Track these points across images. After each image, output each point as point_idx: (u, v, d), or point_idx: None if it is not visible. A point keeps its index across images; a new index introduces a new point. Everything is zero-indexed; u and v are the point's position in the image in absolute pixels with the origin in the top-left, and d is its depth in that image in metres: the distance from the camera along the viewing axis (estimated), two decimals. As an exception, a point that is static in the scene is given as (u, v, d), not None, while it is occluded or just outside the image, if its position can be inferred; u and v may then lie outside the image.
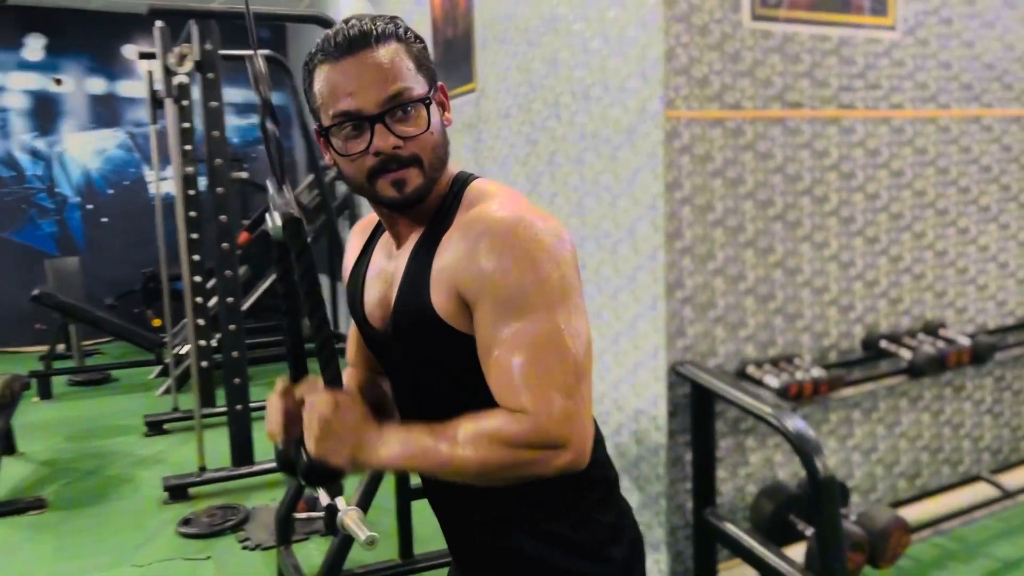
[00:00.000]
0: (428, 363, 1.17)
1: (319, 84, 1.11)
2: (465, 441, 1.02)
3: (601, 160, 3.02)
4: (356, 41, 1.08)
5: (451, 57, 4.25)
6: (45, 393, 6.00)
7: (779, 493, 2.71)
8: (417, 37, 1.15)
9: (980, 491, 3.45)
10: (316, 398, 1.08)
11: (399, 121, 1.08)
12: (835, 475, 2.28)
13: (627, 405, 2.98)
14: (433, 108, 1.12)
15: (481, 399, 1.06)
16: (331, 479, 1.11)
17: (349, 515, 2.32)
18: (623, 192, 2.91)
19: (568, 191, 3.25)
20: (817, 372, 2.77)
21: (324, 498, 2.52)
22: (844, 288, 3.08)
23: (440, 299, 1.10)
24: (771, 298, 2.93)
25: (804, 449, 2.27)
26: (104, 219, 7.93)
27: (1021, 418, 3.69)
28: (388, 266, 1.22)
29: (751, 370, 2.80)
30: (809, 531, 2.60)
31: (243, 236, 6.22)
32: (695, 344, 2.80)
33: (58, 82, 7.67)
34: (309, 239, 1.16)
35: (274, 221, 1.12)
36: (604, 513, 1.22)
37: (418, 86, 1.10)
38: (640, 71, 2.75)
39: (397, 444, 1.05)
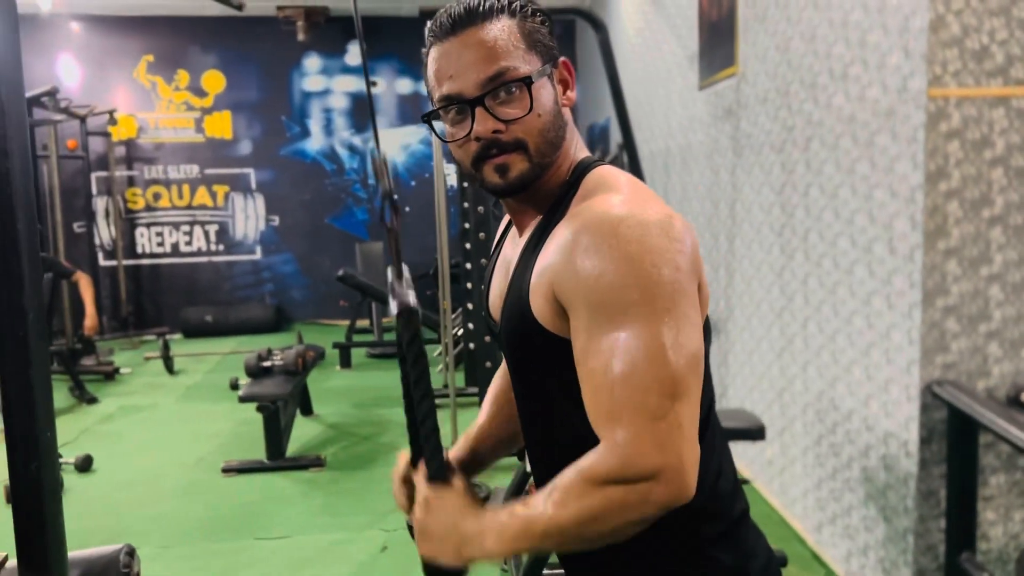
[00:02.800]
0: (531, 368, 1.10)
1: (428, 67, 1.07)
2: (558, 498, 0.91)
3: (857, 147, 2.69)
4: (460, 20, 1.03)
5: (715, 40, 4.04)
6: (345, 363, 6.70)
7: (1060, 548, 2.24)
8: (536, 11, 1.07)
9: None
10: (416, 498, 1.05)
11: (502, 103, 1.02)
12: None
13: (877, 425, 2.64)
14: (542, 88, 1.04)
15: (581, 411, 0.96)
16: (452, 574, 1.05)
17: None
18: (880, 183, 2.56)
19: (823, 181, 2.94)
20: (1123, 406, 2.25)
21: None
22: None
23: (538, 300, 1.01)
24: (1069, 312, 2.42)
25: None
26: (407, 208, 8.65)
27: None
28: (511, 254, 1.16)
29: (1028, 397, 2.34)
30: (1096, 600, 2.12)
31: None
32: (960, 362, 2.40)
33: (373, 84, 8.50)
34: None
35: (390, 308, 1.12)
36: (724, 552, 1.07)
37: (525, 64, 1.02)
38: (901, 44, 2.40)
39: (497, 531, 0.96)
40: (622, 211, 0.95)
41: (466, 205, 5.05)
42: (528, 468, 2.58)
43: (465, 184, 5.18)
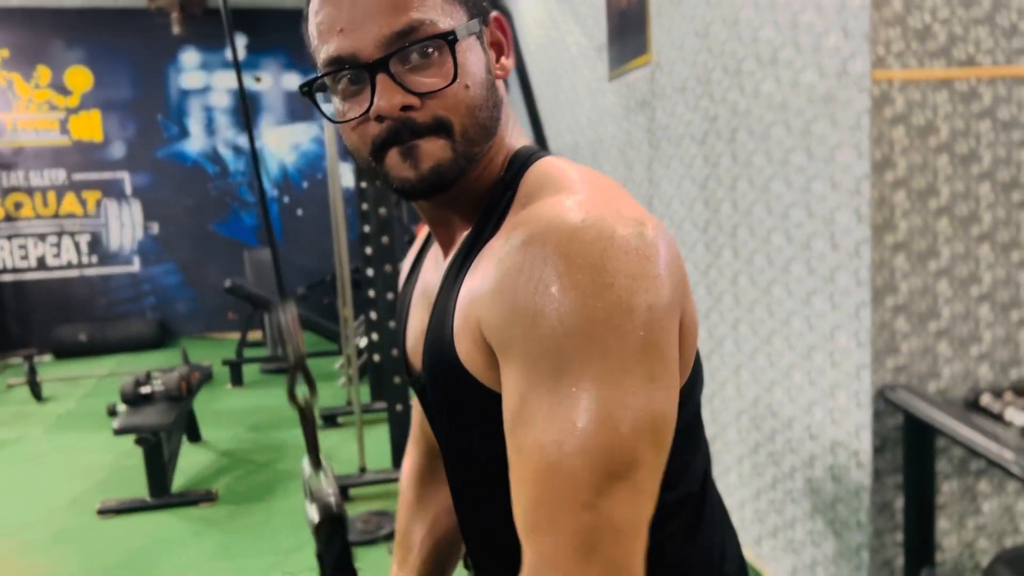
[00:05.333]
0: (464, 428, 0.81)
1: (310, 18, 0.78)
2: None
3: (791, 136, 2.52)
4: None
5: (625, 28, 3.83)
6: (237, 380, 6.23)
7: (1022, 560, 2.11)
8: None
9: None
10: None
11: (413, 69, 0.73)
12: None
13: (822, 434, 2.47)
14: (469, 50, 0.75)
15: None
16: None
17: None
18: (819, 174, 2.39)
19: (752, 173, 2.76)
20: (1081, 405, 2.14)
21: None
22: (1119, 293, 2.39)
23: (464, 343, 0.73)
24: (1015, 306, 2.31)
25: (1064, 513, 1.70)
26: (299, 211, 8.19)
27: None
28: (432, 280, 0.86)
29: (986, 400, 2.20)
30: (1067, 614, 1.99)
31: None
32: (911, 364, 2.25)
33: (257, 80, 7.99)
34: None
35: (308, 514, 0.85)
36: None
37: (445, 17, 0.74)
38: (840, 24, 2.22)
39: None
40: (576, 220, 0.66)
41: (365, 207, 4.70)
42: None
43: (364, 184, 4.83)
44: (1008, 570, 2.10)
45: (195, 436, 4.78)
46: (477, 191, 0.80)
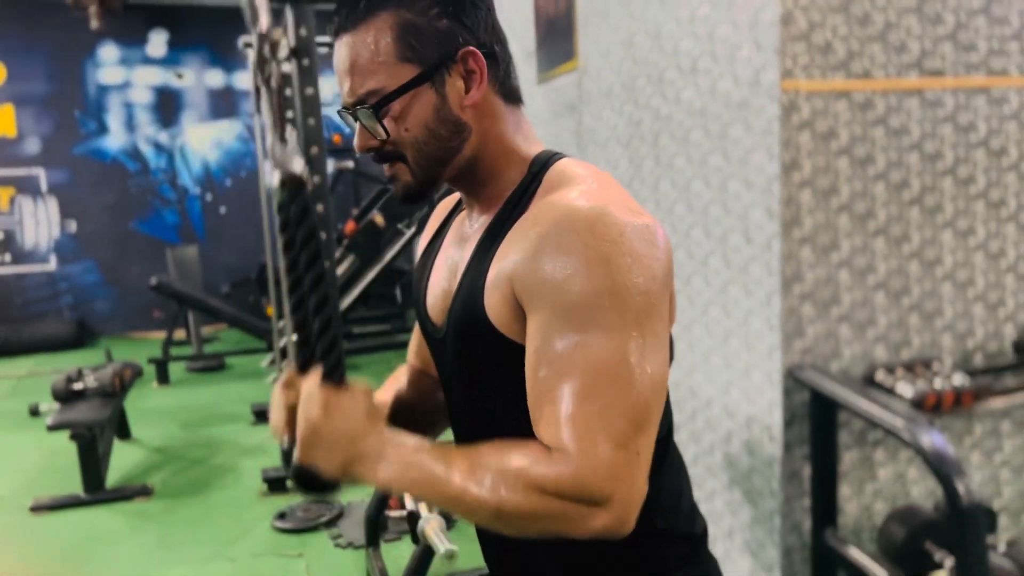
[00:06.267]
0: (480, 376, 0.98)
1: None
2: (483, 476, 0.82)
3: (710, 139, 2.75)
4: (340, 21, 0.95)
5: (553, 36, 4.03)
6: (163, 379, 6.19)
7: (913, 517, 2.38)
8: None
9: None
10: (308, 395, 0.87)
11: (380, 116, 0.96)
12: (980, 500, 1.96)
13: (738, 412, 2.70)
14: (415, 100, 0.94)
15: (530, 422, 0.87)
16: (322, 488, 0.90)
17: (431, 524, 2.14)
18: (734, 174, 2.62)
19: (673, 174, 2.98)
20: (960, 379, 2.42)
21: (409, 502, 2.34)
22: (992, 282, 2.69)
23: (494, 302, 0.91)
24: (905, 293, 2.58)
25: (943, 471, 1.96)
26: (222, 209, 8.14)
27: None
28: (457, 253, 1.04)
29: (881, 376, 2.47)
30: (948, 562, 2.27)
31: (349, 225, 6.22)
32: (816, 346, 2.50)
33: (179, 76, 7.91)
34: (413, 228, 1.01)
35: (272, 180, 0.93)
36: (688, 574, 1.01)
37: (393, 80, 0.93)
38: (753, 38, 2.46)
39: (399, 465, 0.85)
40: (597, 207, 0.86)
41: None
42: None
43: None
44: (899, 526, 2.37)
45: (125, 433, 4.77)
46: (503, 183, 0.99)
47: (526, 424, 0.87)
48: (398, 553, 3.21)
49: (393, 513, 3.18)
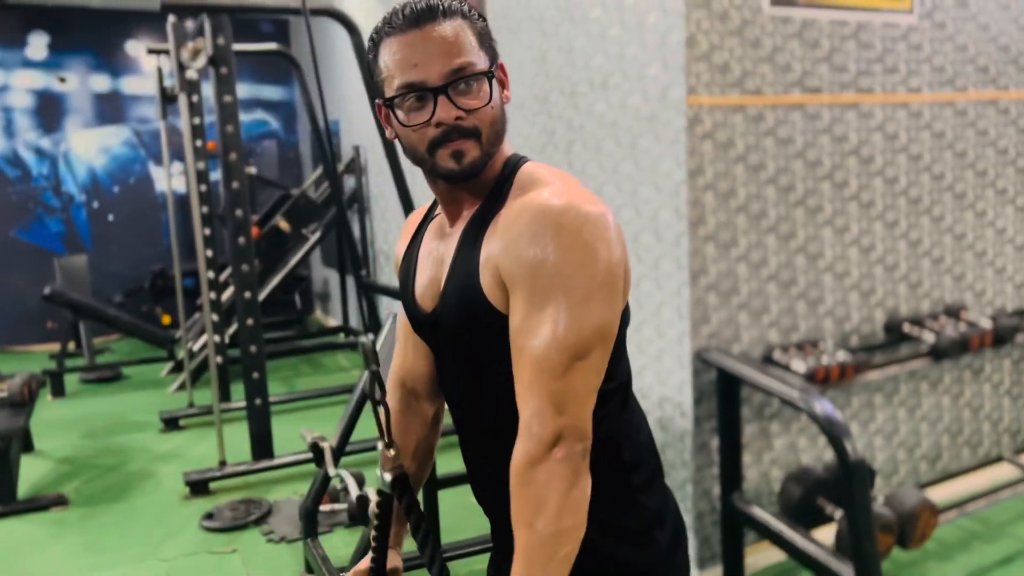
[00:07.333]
0: (475, 346, 1.18)
1: (385, 56, 1.13)
2: (535, 550, 1.04)
3: (621, 148, 3.03)
4: (423, 15, 1.10)
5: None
6: (58, 391, 6.00)
7: (807, 477, 2.73)
8: (480, 16, 1.17)
9: (1001, 473, 3.47)
10: None
11: (461, 94, 1.10)
12: (864, 458, 2.29)
13: (652, 393, 2.99)
14: (494, 83, 1.14)
15: None
16: None
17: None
18: (645, 180, 2.91)
19: (586, 180, 3.25)
20: (843, 356, 2.79)
21: (354, 488, 2.52)
22: (865, 273, 3.09)
23: (487, 279, 1.11)
24: (793, 283, 2.94)
25: (833, 432, 2.28)
26: (110, 217, 7.91)
27: (1039, 399, 3.71)
28: (439, 247, 1.23)
29: (778, 355, 2.81)
30: (838, 514, 2.62)
31: (254, 231, 6.22)
32: (719, 331, 2.81)
33: (62, 80, 7.65)
34: (319, 233, 1.20)
35: (382, 479, 1.17)
36: (650, 498, 1.23)
37: (480, 61, 1.12)
38: (661, 58, 2.75)
39: None
40: (563, 203, 1.07)
41: (206, 210, 4.80)
42: (330, 471, 2.59)
43: (204, 187, 4.92)
44: (796, 485, 2.71)
45: (28, 446, 4.65)
46: (485, 181, 1.17)
47: (509, 381, 1.08)
48: (331, 544, 3.33)
49: (324, 508, 3.31)
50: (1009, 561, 2.96)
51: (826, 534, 2.72)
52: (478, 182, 1.17)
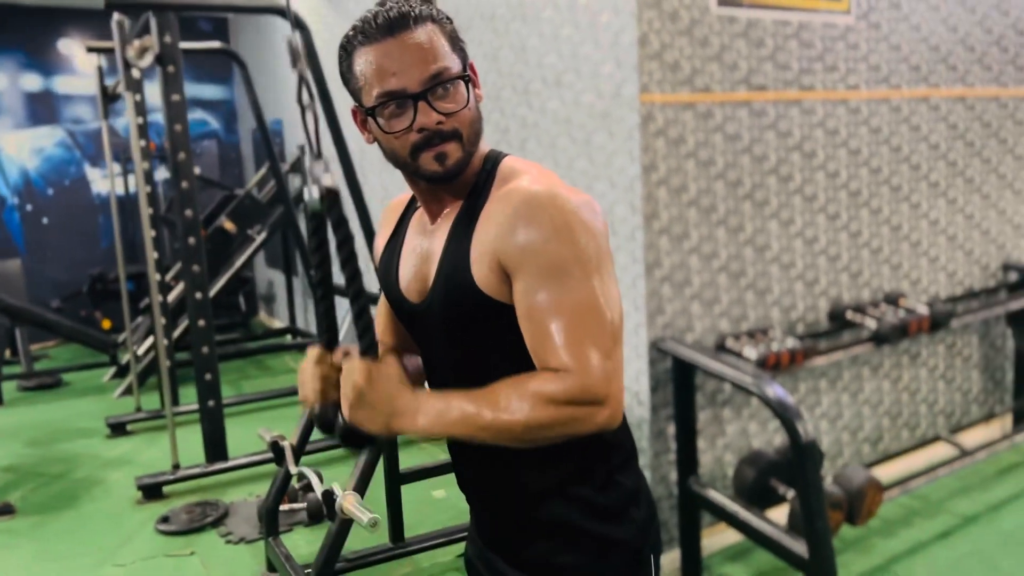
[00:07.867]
0: (467, 335, 1.22)
1: (360, 65, 1.16)
2: (508, 403, 1.06)
3: (575, 145, 3.09)
4: (396, 23, 1.13)
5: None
6: (-4, 400, 5.83)
7: (760, 460, 2.83)
8: (448, 18, 1.21)
9: (938, 452, 3.64)
10: (352, 367, 1.13)
11: (440, 98, 1.14)
12: (816, 439, 2.40)
13: (608, 383, 3.06)
14: (469, 84, 1.18)
15: (518, 370, 1.11)
16: (367, 443, 1.19)
17: (348, 499, 2.35)
18: (599, 176, 2.98)
19: (541, 176, 3.30)
20: (792, 343, 2.90)
21: (318, 485, 2.53)
22: (809, 263, 3.22)
23: (481, 272, 1.15)
24: (742, 274, 3.04)
25: (785, 415, 2.39)
26: (45, 220, 7.69)
27: (971, 382, 3.90)
28: (423, 242, 1.27)
29: (730, 343, 2.91)
30: (790, 494, 2.72)
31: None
32: (674, 321, 2.90)
33: (-9, 79, 7.41)
34: (264, 233, 1.21)
35: (310, 193, 1.15)
36: (627, 476, 1.29)
37: (454, 64, 1.16)
38: (614, 57, 2.82)
39: (435, 412, 1.10)
40: (548, 190, 1.13)
41: (150, 211, 4.72)
42: (292, 469, 2.59)
43: (150, 189, 4.84)
44: (749, 468, 2.81)
45: (-32, 456, 4.52)
46: (466, 178, 1.21)
47: (505, 374, 1.11)
48: (292, 543, 3.33)
49: (283, 507, 3.30)
50: (948, 535, 3.12)
51: (779, 514, 2.83)
52: (460, 180, 1.21)
